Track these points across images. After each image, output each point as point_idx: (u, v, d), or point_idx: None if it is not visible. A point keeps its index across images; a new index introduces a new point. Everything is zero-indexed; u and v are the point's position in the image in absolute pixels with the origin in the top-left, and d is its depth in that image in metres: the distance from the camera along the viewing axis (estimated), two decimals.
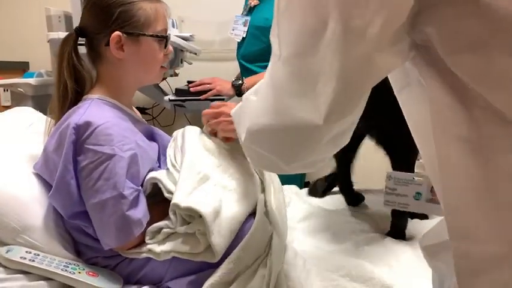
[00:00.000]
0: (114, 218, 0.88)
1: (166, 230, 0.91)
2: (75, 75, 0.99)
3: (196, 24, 2.20)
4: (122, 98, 1.04)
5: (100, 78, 1.03)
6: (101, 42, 0.98)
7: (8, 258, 0.86)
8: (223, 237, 0.87)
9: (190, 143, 1.01)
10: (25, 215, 0.93)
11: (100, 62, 1.01)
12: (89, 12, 1.00)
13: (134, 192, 0.90)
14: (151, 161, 1.02)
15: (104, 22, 0.96)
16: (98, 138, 0.89)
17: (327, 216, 1.40)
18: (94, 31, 0.98)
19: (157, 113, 2.24)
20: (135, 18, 0.97)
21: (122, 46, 0.97)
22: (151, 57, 1.02)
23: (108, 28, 0.96)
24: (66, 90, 0.98)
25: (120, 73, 1.01)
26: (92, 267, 0.94)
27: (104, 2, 0.97)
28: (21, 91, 1.86)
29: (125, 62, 0.99)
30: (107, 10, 0.96)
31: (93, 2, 0.99)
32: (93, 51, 1.01)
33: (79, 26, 1.01)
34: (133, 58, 0.99)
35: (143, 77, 1.06)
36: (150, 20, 0.99)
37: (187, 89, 1.83)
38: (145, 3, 0.98)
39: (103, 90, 1.01)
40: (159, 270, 0.94)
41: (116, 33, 0.95)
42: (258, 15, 1.80)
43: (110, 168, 0.88)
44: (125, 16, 0.96)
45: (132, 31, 0.97)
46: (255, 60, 1.82)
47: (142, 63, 1.02)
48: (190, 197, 0.89)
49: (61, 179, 0.90)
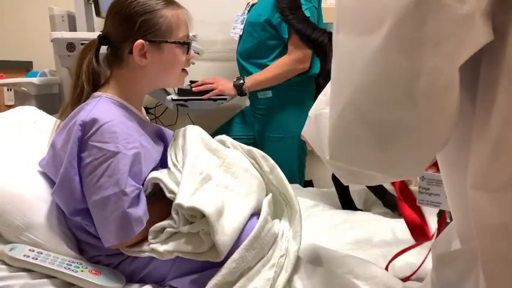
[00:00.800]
0: (115, 215, 0.88)
1: (170, 229, 0.91)
2: (93, 78, 1.01)
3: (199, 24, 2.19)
4: (132, 99, 1.05)
5: (114, 79, 1.04)
6: (125, 50, 1.00)
7: (11, 256, 0.87)
8: (228, 236, 0.88)
9: (192, 143, 1.01)
10: (29, 213, 0.93)
11: (119, 66, 1.03)
12: (112, 21, 1.02)
13: (136, 190, 0.91)
14: (153, 162, 1.02)
15: (127, 31, 0.99)
16: (104, 135, 0.90)
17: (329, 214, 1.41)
18: (117, 39, 1.01)
19: (160, 113, 2.25)
20: (157, 27, 0.99)
21: (145, 54, 0.99)
22: (173, 63, 1.04)
23: (132, 37, 0.98)
24: (82, 93, 1.00)
25: (138, 78, 1.03)
26: (94, 266, 0.94)
27: (126, 12, 0.99)
28: (25, 90, 1.87)
29: (147, 68, 1.01)
30: (130, 19, 0.98)
31: (116, 12, 1.01)
32: (114, 57, 1.03)
33: (102, 33, 1.03)
34: (156, 65, 1.01)
35: (164, 81, 1.10)
36: (172, 27, 1.01)
37: (189, 89, 1.83)
38: (167, 11, 1.00)
39: (113, 90, 1.02)
40: (162, 269, 0.94)
41: (139, 41, 0.98)
42: (253, 12, 1.82)
43: (114, 165, 0.89)
44: (147, 25, 0.98)
45: (155, 39, 0.99)
46: (249, 57, 1.83)
47: (164, 69, 1.04)
48: (193, 197, 0.89)
49: (65, 174, 0.91)
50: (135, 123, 1.01)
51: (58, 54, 1.75)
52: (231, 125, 2.00)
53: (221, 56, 2.32)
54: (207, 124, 2.09)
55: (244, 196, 0.98)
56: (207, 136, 1.08)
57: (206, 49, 2.08)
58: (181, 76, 1.09)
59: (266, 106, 1.83)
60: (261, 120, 1.86)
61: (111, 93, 1.02)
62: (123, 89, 1.03)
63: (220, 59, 2.32)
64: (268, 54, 1.78)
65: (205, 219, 0.87)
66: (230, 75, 1.92)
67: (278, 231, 0.98)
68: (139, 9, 0.98)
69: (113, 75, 1.04)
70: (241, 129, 1.97)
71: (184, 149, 1.01)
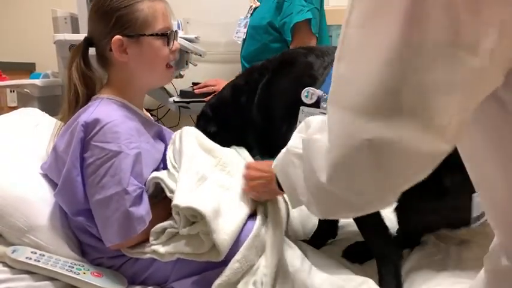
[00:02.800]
0: (117, 214, 0.88)
1: (170, 230, 0.91)
2: (84, 80, 1.01)
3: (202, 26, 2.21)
4: (132, 99, 1.05)
5: (110, 80, 1.05)
6: (106, 48, 1.00)
7: (13, 258, 0.87)
8: (227, 235, 0.88)
9: (187, 144, 1.02)
10: (31, 215, 0.94)
11: (108, 66, 1.04)
12: (91, 21, 1.03)
13: (138, 190, 0.91)
14: (154, 162, 1.02)
15: (105, 28, 0.99)
16: (106, 135, 0.91)
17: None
18: (98, 38, 1.01)
19: (162, 114, 2.25)
20: (133, 21, 0.99)
21: (125, 49, 0.99)
22: (154, 56, 1.02)
23: (109, 34, 0.98)
24: (77, 94, 1.00)
25: (127, 75, 1.03)
26: (96, 268, 0.94)
27: (102, 10, 0.99)
28: (28, 92, 1.87)
29: (130, 65, 1.01)
30: (106, 16, 0.99)
31: (94, 11, 1.02)
32: (101, 57, 1.03)
33: (87, 35, 1.04)
34: (137, 59, 1.01)
35: (149, 77, 1.06)
36: (149, 20, 1.00)
37: (192, 91, 1.83)
38: (142, 4, 1.00)
39: (112, 91, 1.03)
40: (164, 270, 0.94)
41: (116, 37, 0.97)
42: (256, 16, 1.82)
43: (116, 164, 0.90)
44: (123, 20, 0.98)
45: (132, 33, 0.99)
46: (252, 60, 1.83)
47: (146, 63, 1.03)
48: (190, 197, 0.89)
49: (67, 175, 0.91)
50: (137, 123, 1.01)
51: (61, 56, 1.75)
52: None
53: (224, 58, 2.32)
54: None
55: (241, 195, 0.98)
56: (203, 136, 1.08)
57: (209, 51, 2.08)
58: (166, 72, 1.07)
59: None
60: None
61: (111, 93, 1.02)
62: (120, 89, 1.03)
63: (222, 61, 2.33)
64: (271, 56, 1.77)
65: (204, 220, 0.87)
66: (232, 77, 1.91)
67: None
68: (114, 5, 0.98)
69: (108, 76, 1.05)
70: None
71: (181, 150, 1.01)
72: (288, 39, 1.70)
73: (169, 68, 1.07)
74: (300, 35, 1.68)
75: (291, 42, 1.70)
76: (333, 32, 2.25)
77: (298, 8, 1.65)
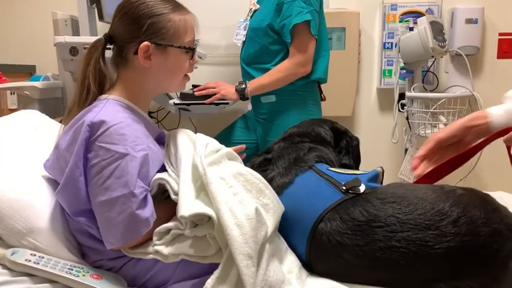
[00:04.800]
0: (122, 216, 0.87)
1: (175, 231, 0.90)
2: (99, 79, 1.01)
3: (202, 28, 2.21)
4: (139, 102, 1.06)
5: (120, 81, 1.05)
6: (130, 50, 1.01)
7: (12, 260, 0.87)
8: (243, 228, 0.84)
9: (184, 150, 1.00)
10: (31, 217, 0.93)
11: (125, 67, 1.04)
12: (120, 21, 1.02)
13: (144, 192, 0.91)
14: (160, 164, 1.02)
15: (134, 32, 0.99)
16: (112, 137, 0.90)
17: None
18: (124, 39, 1.01)
19: (162, 117, 2.25)
20: (164, 30, 1.00)
21: (149, 56, 1.00)
22: (177, 68, 1.05)
23: (138, 38, 0.99)
24: (88, 94, 1.00)
25: (143, 79, 1.04)
26: (96, 270, 0.94)
27: (135, 13, 0.99)
28: (28, 94, 1.87)
29: (150, 70, 1.02)
30: (138, 21, 0.99)
31: (124, 12, 1.01)
32: (120, 58, 1.03)
33: (109, 33, 1.04)
34: (160, 67, 1.02)
35: (166, 85, 1.10)
36: (179, 32, 1.02)
37: (192, 93, 1.83)
38: (174, 15, 1.01)
39: (120, 92, 1.03)
40: (166, 272, 0.94)
41: (145, 43, 0.99)
42: (255, 18, 1.82)
43: (122, 166, 0.89)
44: (155, 27, 0.99)
45: (161, 42, 1.00)
46: (252, 62, 1.83)
47: (167, 73, 1.05)
48: (193, 205, 0.88)
49: (70, 174, 0.91)
50: (142, 126, 1.01)
51: (61, 58, 1.75)
52: (233, 130, 2.00)
53: (224, 61, 2.32)
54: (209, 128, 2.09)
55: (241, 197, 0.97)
56: (194, 135, 1.07)
57: (209, 53, 2.08)
58: (183, 82, 1.10)
59: (269, 111, 1.83)
60: (264, 125, 1.86)
61: (118, 95, 1.02)
62: (129, 91, 1.04)
63: (222, 64, 2.33)
64: (271, 59, 1.78)
65: (211, 222, 0.86)
66: (233, 79, 1.92)
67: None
68: (147, 12, 0.99)
69: (119, 76, 1.05)
70: (244, 134, 1.97)
71: (177, 155, 1.00)
72: (288, 41, 1.70)
73: (185, 77, 1.09)
74: (299, 37, 1.69)
75: (290, 44, 1.71)
76: (333, 34, 2.26)
77: (298, 10, 1.65)
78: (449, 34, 2.31)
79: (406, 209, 0.89)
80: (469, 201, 0.90)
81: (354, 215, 0.92)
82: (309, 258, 0.98)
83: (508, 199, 1.38)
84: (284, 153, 1.15)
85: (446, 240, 0.84)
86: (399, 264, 0.86)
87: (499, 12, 2.35)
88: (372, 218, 0.90)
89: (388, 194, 0.93)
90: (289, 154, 1.14)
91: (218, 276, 0.83)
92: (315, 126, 1.28)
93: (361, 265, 0.89)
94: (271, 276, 0.87)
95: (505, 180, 2.34)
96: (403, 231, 0.86)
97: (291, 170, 1.10)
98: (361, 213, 0.91)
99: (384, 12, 2.36)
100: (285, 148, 1.18)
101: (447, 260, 0.84)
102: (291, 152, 1.15)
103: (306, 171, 1.08)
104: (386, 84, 2.40)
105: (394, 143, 2.23)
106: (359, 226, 0.90)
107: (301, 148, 1.16)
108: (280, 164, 1.12)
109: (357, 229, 0.90)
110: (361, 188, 0.97)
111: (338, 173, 1.06)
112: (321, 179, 1.04)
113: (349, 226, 0.91)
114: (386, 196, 0.93)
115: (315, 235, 0.95)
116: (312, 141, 1.22)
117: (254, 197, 0.95)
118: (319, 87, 1.90)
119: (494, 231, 0.85)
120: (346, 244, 0.90)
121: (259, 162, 1.14)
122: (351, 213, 0.92)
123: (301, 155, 1.13)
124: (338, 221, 0.93)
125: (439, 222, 0.85)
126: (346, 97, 2.34)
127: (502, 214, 0.90)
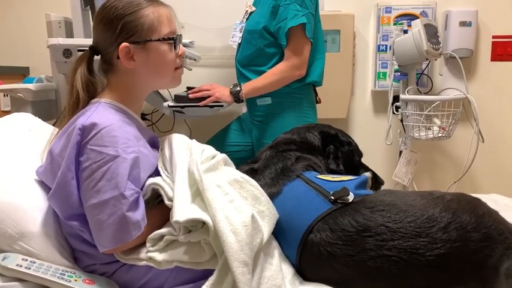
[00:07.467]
0: (113, 218, 0.87)
1: (169, 237, 0.90)
2: (87, 87, 1.02)
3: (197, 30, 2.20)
4: (131, 104, 1.05)
5: (110, 85, 1.05)
6: (113, 55, 1.01)
7: (3, 265, 0.86)
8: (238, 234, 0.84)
9: (179, 155, 1.00)
10: (22, 221, 0.92)
11: (112, 73, 1.04)
12: (97, 30, 1.03)
13: (135, 194, 0.90)
14: (152, 167, 1.01)
15: (111, 36, 0.99)
16: (103, 139, 0.90)
17: None
18: (105, 46, 1.01)
19: (156, 119, 2.24)
20: (138, 27, 0.99)
21: (132, 56, 1.00)
22: (162, 61, 1.04)
23: (116, 41, 0.99)
24: (78, 101, 1.00)
25: (132, 81, 1.03)
26: (88, 275, 0.93)
27: (107, 18, 0.99)
28: (21, 96, 1.86)
29: (137, 71, 1.02)
30: (111, 24, 0.99)
31: (99, 20, 1.02)
32: (106, 64, 1.04)
33: (92, 43, 1.04)
34: (145, 65, 1.02)
35: (158, 81, 1.08)
36: (154, 25, 1.01)
37: (186, 95, 1.83)
38: (146, 10, 1.00)
39: (111, 96, 1.03)
40: (160, 278, 0.93)
41: (123, 44, 0.98)
42: (251, 20, 1.82)
43: (113, 169, 0.89)
44: (128, 27, 0.99)
45: (138, 40, 1.00)
46: (247, 64, 1.83)
47: (154, 69, 1.04)
48: (188, 211, 0.88)
49: (62, 178, 0.91)
50: (134, 128, 1.01)
51: (55, 60, 1.74)
52: (227, 132, 1.99)
53: (219, 63, 2.32)
54: (204, 131, 2.10)
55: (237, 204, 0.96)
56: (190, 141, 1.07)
57: (204, 55, 2.07)
58: (176, 75, 1.09)
59: (264, 113, 1.83)
60: (259, 127, 1.86)
61: (110, 98, 1.02)
62: (120, 95, 1.03)
63: (218, 66, 2.32)
64: (267, 61, 1.77)
65: (205, 228, 0.86)
66: (228, 81, 1.92)
67: None
68: (119, 13, 0.99)
69: (109, 82, 1.05)
70: (238, 136, 1.96)
71: (172, 161, 0.99)
72: (283, 43, 1.70)
73: (177, 70, 1.08)
74: (294, 40, 1.68)
75: (285, 46, 1.71)
76: (328, 37, 2.26)
77: (293, 13, 1.65)
78: (444, 37, 2.32)
79: (395, 217, 0.89)
80: (458, 206, 0.90)
81: (343, 225, 0.91)
82: (300, 268, 0.98)
83: (502, 202, 1.39)
84: (270, 163, 1.15)
85: (437, 247, 0.84)
86: (391, 272, 0.85)
87: (493, 15, 2.36)
88: (361, 228, 0.90)
89: (377, 202, 0.93)
90: (275, 164, 1.14)
91: (213, 283, 0.82)
92: (302, 132, 1.28)
93: (353, 275, 0.89)
94: (266, 283, 0.86)
95: (499, 183, 2.35)
96: (393, 239, 0.86)
97: (278, 180, 1.09)
98: (351, 223, 0.91)
99: (379, 15, 2.37)
100: (271, 157, 1.17)
101: (438, 267, 0.84)
102: (277, 162, 1.14)
103: (293, 180, 1.08)
104: (381, 87, 2.41)
105: (388, 145, 2.23)
106: (349, 236, 0.90)
107: (287, 157, 1.16)
108: (267, 175, 1.12)
109: (347, 239, 0.90)
110: (349, 197, 0.96)
111: (326, 181, 1.05)
112: (309, 188, 1.04)
113: (339, 236, 0.91)
114: (375, 205, 0.93)
115: (305, 246, 0.95)
116: (299, 148, 1.21)
117: (250, 204, 0.94)
118: (315, 90, 1.90)
119: (484, 236, 0.85)
120: (337, 254, 0.90)
121: (244, 171, 1.12)
122: (340, 224, 0.92)
123: (289, 165, 1.13)
124: (328, 231, 0.92)
125: (429, 229, 0.86)
126: (341, 99, 2.34)
127: (492, 218, 0.90)
